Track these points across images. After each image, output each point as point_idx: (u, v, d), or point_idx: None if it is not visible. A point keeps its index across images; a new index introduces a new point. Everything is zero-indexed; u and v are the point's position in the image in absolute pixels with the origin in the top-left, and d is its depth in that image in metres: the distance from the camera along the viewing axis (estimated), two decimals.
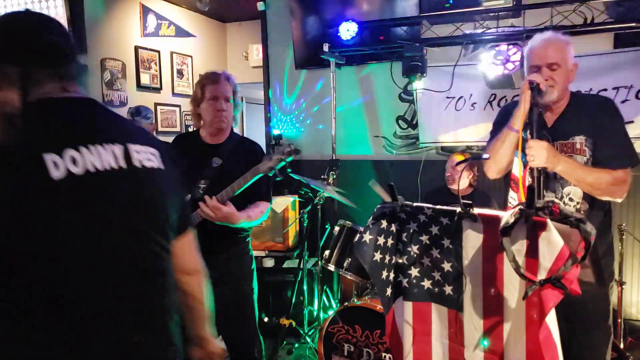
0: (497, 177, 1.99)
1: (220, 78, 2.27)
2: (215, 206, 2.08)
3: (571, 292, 1.42)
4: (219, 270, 2.27)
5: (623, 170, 1.81)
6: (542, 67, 1.86)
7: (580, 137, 1.86)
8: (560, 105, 1.93)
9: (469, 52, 3.96)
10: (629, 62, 3.38)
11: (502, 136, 1.89)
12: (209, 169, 2.27)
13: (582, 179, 1.78)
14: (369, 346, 2.82)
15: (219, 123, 2.28)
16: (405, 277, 1.77)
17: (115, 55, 4.65)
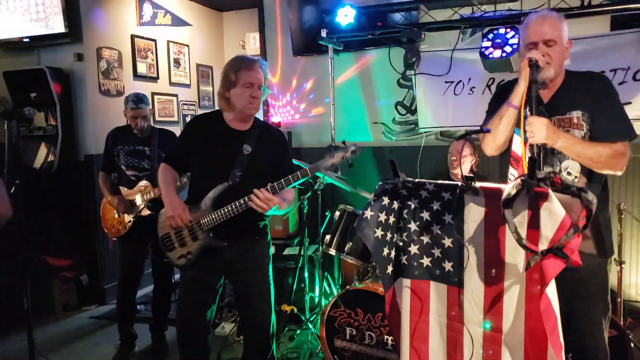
0: (494, 154, 2.01)
1: (256, 65, 2.27)
2: (269, 198, 2.13)
3: (572, 263, 1.42)
4: (246, 252, 2.37)
5: (622, 143, 1.82)
6: (538, 43, 1.87)
7: (577, 111, 1.87)
8: (556, 82, 1.95)
9: (467, 36, 3.96)
10: (627, 43, 3.38)
11: (501, 112, 1.90)
12: (242, 156, 2.29)
13: (581, 154, 1.79)
14: (370, 329, 2.83)
15: (251, 110, 2.29)
16: (404, 254, 1.78)
17: (111, 44, 4.63)
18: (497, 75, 3.76)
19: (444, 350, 1.69)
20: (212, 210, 2.26)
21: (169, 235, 2.38)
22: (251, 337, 2.51)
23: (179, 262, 2.38)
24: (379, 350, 2.81)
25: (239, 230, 2.32)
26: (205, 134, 2.37)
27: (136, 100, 3.24)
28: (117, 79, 4.68)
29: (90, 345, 3.66)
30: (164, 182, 2.39)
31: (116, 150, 3.30)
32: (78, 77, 4.43)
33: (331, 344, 2.94)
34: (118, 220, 3.30)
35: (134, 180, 3.28)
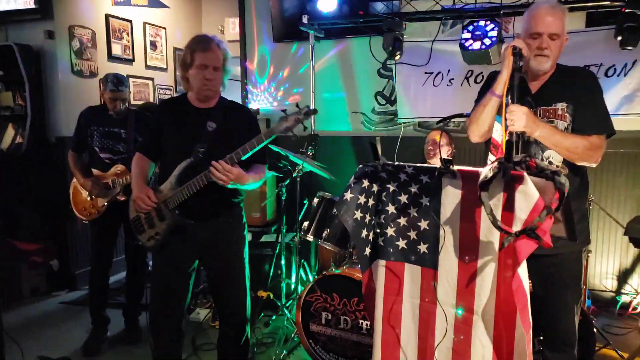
0: (479, 140, 2.04)
1: (211, 45, 2.22)
2: (227, 169, 2.09)
3: (543, 244, 1.47)
4: (217, 233, 2.33)
5: (598, 136, 1.87)
6: (543, 35, 1.87)
7: (562, 104, 1.92)
8: (546, 74, 1.98)
9: (448, 28, 4.01)
10: (600, 40, 3.47)
11: (484, 101, 1.94)
12: (205, 133, 2.27)
13: (559, 144, 1.84)
14: (346, 314, 2.86)
15: (206, 91, 2.27)
16: (381, 236, 1.80)
17: (84, 22, 4.50)
18: (476, 68, 3.83)
19: (415, 331, 1.73)
20: (176, 188, 2.24)
21: (139, 218, 2.38)
22: (226, 323, 2.50)
23: (149, 243, 2.37)
24: (353, 334, 2.85)
25: (206, 208, 2.29)
26: (170, 116, 2.36)
27: (116, 82, 3.15)
28: (90, 60, 4.56)
29: (61, 330, 3.59)
30: (134, 171, 2.40)
31: (90, 130, 3.20)
32: (49, 56, 4.28)
33: (307, 328, 2.97)
34: (91, 203, 3.23)
35: (108, 164, 3.21)
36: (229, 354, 2.52)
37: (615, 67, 3.48)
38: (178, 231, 2.31)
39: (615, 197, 3.75)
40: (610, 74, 3.48)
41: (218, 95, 2.37)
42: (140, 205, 2.27)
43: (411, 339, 1.74)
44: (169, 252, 2.36)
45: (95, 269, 3.33)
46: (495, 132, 1.94)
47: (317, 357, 2.92)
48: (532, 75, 1.98)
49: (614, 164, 3.71)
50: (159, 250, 2.38)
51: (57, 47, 4.27)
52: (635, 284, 3.78)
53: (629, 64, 3.45)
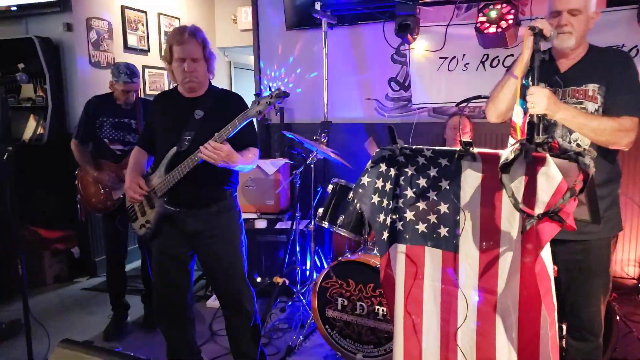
0: (497, 121, 2.01)
1: (185, 37, 2.19)
2: (216, 146, 2.09)
3: (567, 227, 1.44)
4: (209, 223, 2.32)
5: (630, 118, 1.80)
6: (562, 12, 1.83)
7: (593, 85, 1.86)
8: (578, 53, 1.92)
9: (462, 12, 3.94)
10: (621, 20, 3.39)
11: (502, 81, 1.91)
12: (192, 121, 2.27)
13: (584, 126, 1.78)
14: (362, 299, 2.86)
15: (188, 83, 2.27)
16: (400, 220, 1.79)
17: (101, 14, 4.53)
18: (492, 52, 3.76)
19: (437, 313, 1.73)
20: (164, 176, 2.26)
21: (134, 207, 2.41)
22: (228, 311, 2.50)
23: (141, 231, 2.40)
24: (370, 320, 2.85)
25: (195, 196, 2.29)
26: (161, 108, 2.39)
27: (130, 74, 3.11)
28: (107, 51, 4.59)
29: (83, 315, 3.68)
30: (129, 163, 2.43)
31: (99, 121, 3.16)
32: (67, 48, 4.34)
33: (323, 314, 2.98)
34: (105, 196, 3.19)
35: (119, 155, 3.18)
36: (239, 340, 2.52)
37: (638, 48, 3.40)
38: (169, 220, 2.32)
39: (637, 183, 3.68)
40: (633, 54, 3.40)
41: (205, 84, 2.36)
42: (130, 194, 2.31)
43: (433, 323, 1.73)
44: (162, 242, 2.38)
45: (111, 261, 3.35)
46: (515, 114, 1.90)
47: (334, 343, 2.93)
48: (560, 54, 1.93)
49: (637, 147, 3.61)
50: (152, 239, 2.40)
51: (75, 39, 4.31)
52: None
53: None
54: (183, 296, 2.43)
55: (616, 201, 1.97)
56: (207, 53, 2.29)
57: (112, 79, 3.15)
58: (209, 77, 2.37)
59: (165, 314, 2.45)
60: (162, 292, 2.42)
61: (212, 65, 2.34)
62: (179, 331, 2.49)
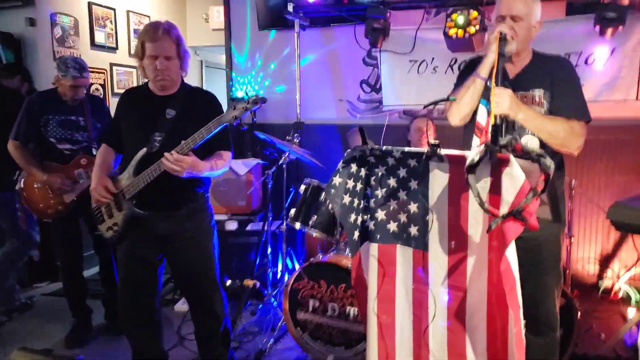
0: (459, 124, 2.07)
1: (158, 34, 2.12)
2: (178, 159, 2.03)
3: (530, 226, 1.50)
4: (180, 225, 2.28)
5: (578, 122, 1.90)
6: (506, 17, 1.93)
7: (539, 90, 1.95)
8: (522, 60, 2.02)
9: (432, 16, 4.02)
10: (580, 29, 3.53)
11: (468, 83, 1.96)
12: (163, 121, 2.21)
13: (542, 127, 1.87)
14: (334, 300, 2.88)
15: (160, 81, 2.21)
16: (372, 220, 1.82)
17: (66, 10, 4.41)
18: (460, 55, 3.85)
19: (409, 311, 1.76)
20: (132, 178, 2.19)
21: (100, 208, 2.33)
22: (198, 316, 2.46)
23: (108, 234, 2.32)
24: (341, 322, 2.86)
25: (165, 198, 2.23)
26: (131, 106, 2.31)
27: (79, 68, 2.91)
28: (73, 47, 4.47)
29: (43, 322, 3.54)
30: (96, 162, 2.35)
31: (43, 119, 2.92)
32: (30, 43, 4.20)
33: (294, 316, 2.97)
34: (56, 200, 2.99)
35: (68, 155, 2.99)
36: (208, 345, 2.49)
37: (595, 55, 3.54)
38: (137, 223, 2.25)
39: (596, 183, 3.83)
40: (590, 61, 3.54)
41: (178, 82, 2.30)
42: (96, 196, 2.23)
43: (405, 321, 1.76)
44: (130, 244, 2.31)
45: (67, 266, 3.19)
46: (479, 115, 1.96)
47: (305, 345, 2.94)
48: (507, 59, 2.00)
49: (594, 150, 3.78)
50: (119, 242, 2.33)
51: (38, 34, 4.18)
52: (617, 268, 3.87)
53: (607, 52, 3.51)
54: (151, 300, 2.37)
55: (562, 197, 2.06)
56: (182, 51, 2.22)
57: (59, 74, 2.93)
58: (182, 74, 2.31)
59: (131, 318, 2.38)
60: (129, 297, 2.35)
61: (186, 64, 2.28)
62: (146, 336, 2.42)
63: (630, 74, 3.48)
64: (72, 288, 3.23)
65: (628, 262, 3.82)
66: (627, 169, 3.75)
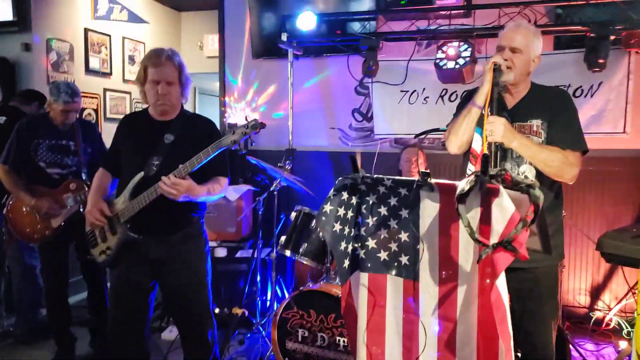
0: (457, 152, 2.09)
1: (161, 60, 2.17)
2: (175, 182, 2.04)
3: (520, 257, 1.49)
4: (174, 250, 2.26)
5: (573, 153, 1.93)
6: (505, 48, 1.98)
7: (537, 120, 1.99)
8: (520, 91, 2.06)
9: (423, 48, 4.11)
10: (567, 63, 3.62)
11: (465, 111, 2.00)
12: (162, 145, 2.22)
13: (535, 156, 1.89)
14: (323, 330, 2.84)
15: (161, 106, 2.24)
16: (362, 248, 1.80)
17: (62, 36, 4.46)
18: (450, 87, 3.92)
19: (399, 341, 1.73)
20: (129, 202, 2.19)
21: (94, 231, 2.32)
22: (189, 343, 2.41)
23: (100, 258, 2.31)
24: (331, 352, 2.82)
25: (160, 223, 2.22)
26: (131, 131, 2.33)
27: (71, 93, 2.93)
28: (67, 72, 4.50)
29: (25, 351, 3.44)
30: (93, 186, 2.37)
31: (34, 143, 2.93)
32: (25, 68, 4.23)
33: (282, 345, 2.92)
34: (42, 225, 2.96)
35: (57, 179, 2.97)
36: None
37: (583, 88, 3.62)
38: (130, 247, 2.23)
39: (585, 215, 3.85)
40: (577, 94, 3.62)
41: (178, 108, 2.33)
42: (91, 219, 2.23)
43: (395, 352, 1.73)
44: (123, 269, 2.29)
45: (52, 293, 3.12)
46: (475, 142, 1.99)
47: None
48: (506, 90, 2.04)
49: (584, 182, 3.82)
50: (111, 267, 2.31)
51: (33, 59, 4.20)
52: (608, 300, 3.86)
53: (595, 85, 3.60)
54: (141, 328, 2.33)
55: (560, 229, 2.07)
56: (183, 77, 2.26)
57: (51, 99, 2.95)
58: (182, 101, 2.34)
59: (121, 346, 2.33)
60: (119, 323, 2.31)
61: (187, 90, 2.31)
62: None
63: (618, 107, 3.56)
64: (56, 315, 3.16)
65: (619, 293, 3.82)
66: (616, 200, 3.79)
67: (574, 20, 3.64)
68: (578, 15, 3.62)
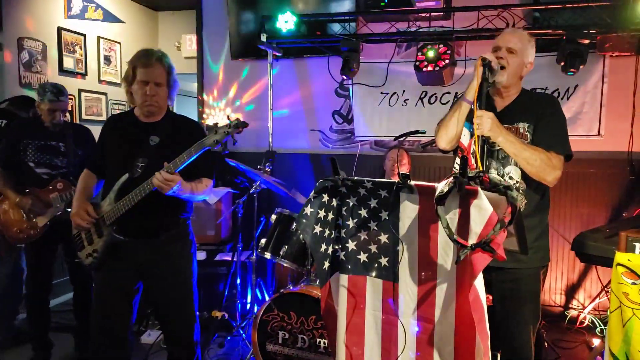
0: (446, 147, 2.12)
1: (152, 61, 2.17)
2: (168, 178, 2.03)
3: (497, 257, 1.51)
4: (160, 251, 2.25)
5: (557, 155, 1.96)
6: (502, 48, 2.03)
7: (524, 123, 2.02)
8: (511, 95, 2.09)
9: (403, 50, 4.14)
10: (544, 66, 3.68)
11: (455, 106, 2.04)
12: (147, 147, 2.22)
13: (519, 153, 1.91)
14: (303, 332, 2.82)
15: (148, 107, 2.23)
16: (342, 250, 1.80)
17: (35, 35, 4.34)
18: (430, 89, 3.95)
19: (378, 342, 1.73)
20: (114, 203, 2.18)
21: (80, 234, 2.31)
22: (173, 346, 2.40)
23: (87, 261, 2.29)
24: (311, 354, 2.81)
25: (146, 225, 2.22)
26: (116, 132, 2.32)
27: (56, 92, 2.96)
28: (40, 72, 4.38)
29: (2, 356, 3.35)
30: (78, 187, 2.35)
31: (22, 144, 2.96)
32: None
33: (263, 348, 2.90)
34: (28, 224, 2.97)
35: (45, 179, 2.99)
36: None
37: (559, 91, 3.70)
38: (116, 249, 2.22)
39: (561, 215, 3.93)
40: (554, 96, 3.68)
41: (164, 109, 2.32)
42: (77, 221, 2.21)
43: (374, 353, 1.74)
44: (108, 272, 2.27)
45: (34, 294, 3.10)
46: (463, 136, 2.02)
47: None
48: (496, 92, 2.08)
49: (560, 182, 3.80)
50: (98, 269, 2.29)
51: (4, 58, 4.08)
52: (582, 298, 3.94)
53: (571, 88, 3.67)
54: (124, 331, 2.31)
55: (545, 232, 2.10)
56: (172, 80, 2.26)
57: (38, 99, 3.00)
58: (169, 102, 2.32)
59: (103, 348, 2.29)
60: (103, 326, 2.28)
61: (174, 92, 2.31)
62: None
63: (592, 110, 3.64)
64: (37, 318, 3.13)
65: (592, 292, 3.90)
66: (591, 201, 3.88)
67: (550, 23, 3.69)
68: (555, 18, 3.68)
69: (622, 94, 3.71)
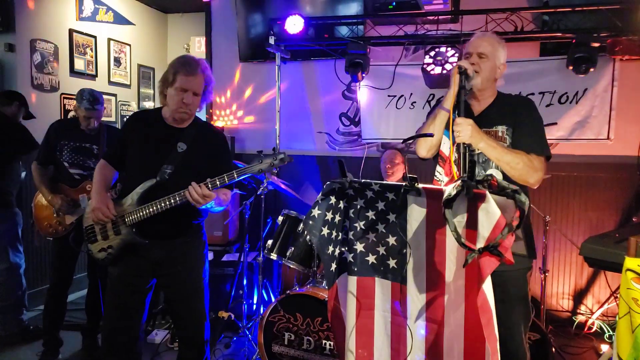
0: (426, 155, 2.13)
1: (195, 71, 2.20)
2: (207, 195, 2.07)
3: (505, 261, 1.51)
4: (174, 251, 2.29)
5: (537, 157, 1.96)
6: (473, 54, 2.05)
7: (502, 126, 2.03)
8: (486, 98, 2.11)
9: (410, 52, 4.14)
10: (553, 69, 3.67)
11: (434, 115, 2.05)
12: (175, 153, 2.24)
13: (501, 157, 1.92)
14: (309, 334, 2.83)
15: (181, 114, 2.26)
16: (350, 252, 1.81)
17: (47, 36, 4.39)
18: (437, 92, 3.94)
19: (388, 343, 1.73)
20: (137, 206, 2.20)
21: (93, 227, 2.32)
22: (185, 345, 2.43)
23: (99, 255, 2.30)
24: (317, 355, 2.81)
25: (165, 229, 2.25)
26: (141, 130, 2.33)
27: (92, 101, 3.07)
28: (51, 74, 4.43)
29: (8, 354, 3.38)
30: (96, 179, 2.36)
31: (59, 145, 3.10)
32: (8, 69, 4.15)
33: (269, 349, 2.91)
34: (57, 220, 3.11)
35: (77, 179, 3.12)
36: None
37: (568, 95, 3.67)
38: (133, 248, 2.25)
39: (569, 219, 3.90)
40: (563, 100, 3.67)
41: (193, 117, 2.36)
42: (99, 216, 2.22)
43: (384, 352, 1.74)
44: (122, 269, 2.30)
45: (55, 287, 3.19)
46: (443, 145, 2.02)
47: None
48: (472, 95, 2.09)
49: (568, 187, 3.88)
50: (111, 266, 2.32)
51: (17, 60, 4.14)
52: (590, 304, 3.91)
53: (580, 92, 3.65)
54: (135, 329, 2.34)
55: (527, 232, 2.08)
56: (207, 91, 2.30)
57: (75, 104, 3.14)
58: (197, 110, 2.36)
59: (114, 346, 2.32)
60: (114, 324, 2.31)
61: (204, 103, 2.36)
62: None
63: (602, 114, 3.61)
64: (53, 311, 3.21)
65: (601, 297, 3.87)
66: (600, 206, 3.85)
67: (560, 27, 3.68)
68: (564, 22, 3.66)
69: (633, 98, 3.69)
